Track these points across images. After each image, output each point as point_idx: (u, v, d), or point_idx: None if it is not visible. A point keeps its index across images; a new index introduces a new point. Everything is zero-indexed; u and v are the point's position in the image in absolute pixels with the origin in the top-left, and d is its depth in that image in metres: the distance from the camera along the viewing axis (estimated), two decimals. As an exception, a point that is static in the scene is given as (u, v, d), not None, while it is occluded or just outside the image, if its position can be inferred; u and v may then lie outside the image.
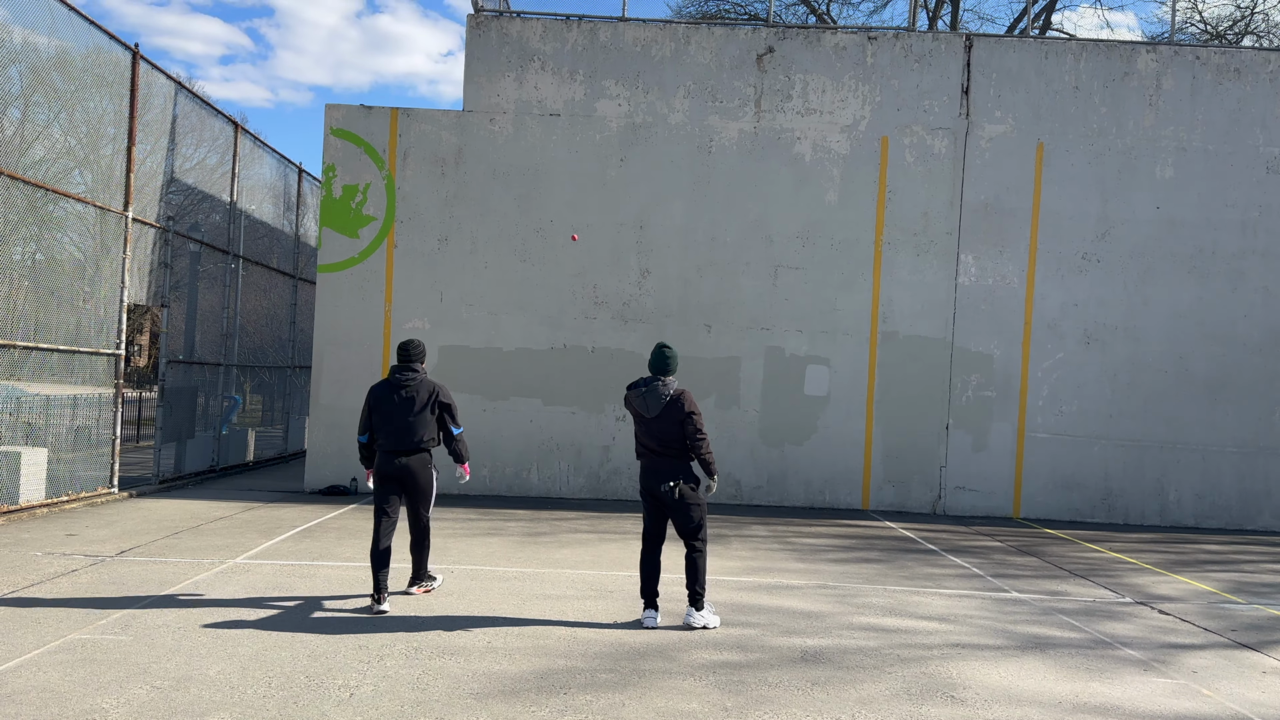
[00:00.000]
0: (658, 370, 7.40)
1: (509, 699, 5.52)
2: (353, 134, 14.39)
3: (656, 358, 7.43)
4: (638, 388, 7.38)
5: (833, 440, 14.49)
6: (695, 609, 7.24)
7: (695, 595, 7.28)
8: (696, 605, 7.25)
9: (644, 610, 7.31)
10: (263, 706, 5.23)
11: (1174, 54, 14.75)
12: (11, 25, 10.51)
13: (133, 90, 12.57)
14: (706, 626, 7.20)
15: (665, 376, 7.37)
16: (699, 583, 7.28)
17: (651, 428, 7.30)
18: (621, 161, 14.53)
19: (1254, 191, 14.66)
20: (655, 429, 7.29)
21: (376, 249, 14.39)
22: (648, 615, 7.26)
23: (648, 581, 7.36)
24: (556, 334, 14.48)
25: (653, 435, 7.31)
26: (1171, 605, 8.89)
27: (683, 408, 7.27)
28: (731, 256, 14.53)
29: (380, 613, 7.24)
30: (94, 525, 10.52)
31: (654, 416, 7.28)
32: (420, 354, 7.80)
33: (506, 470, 14.39)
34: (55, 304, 11.46)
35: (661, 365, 7.40)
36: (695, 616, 7.21)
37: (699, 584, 7.28)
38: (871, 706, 5.68)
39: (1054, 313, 14.61)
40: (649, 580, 7.36)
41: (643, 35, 14.66)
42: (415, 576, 7.96)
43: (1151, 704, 5.97)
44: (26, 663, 5.78)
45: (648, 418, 7.31)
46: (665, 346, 7.46)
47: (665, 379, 7.36)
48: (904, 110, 14.64)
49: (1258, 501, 14.61)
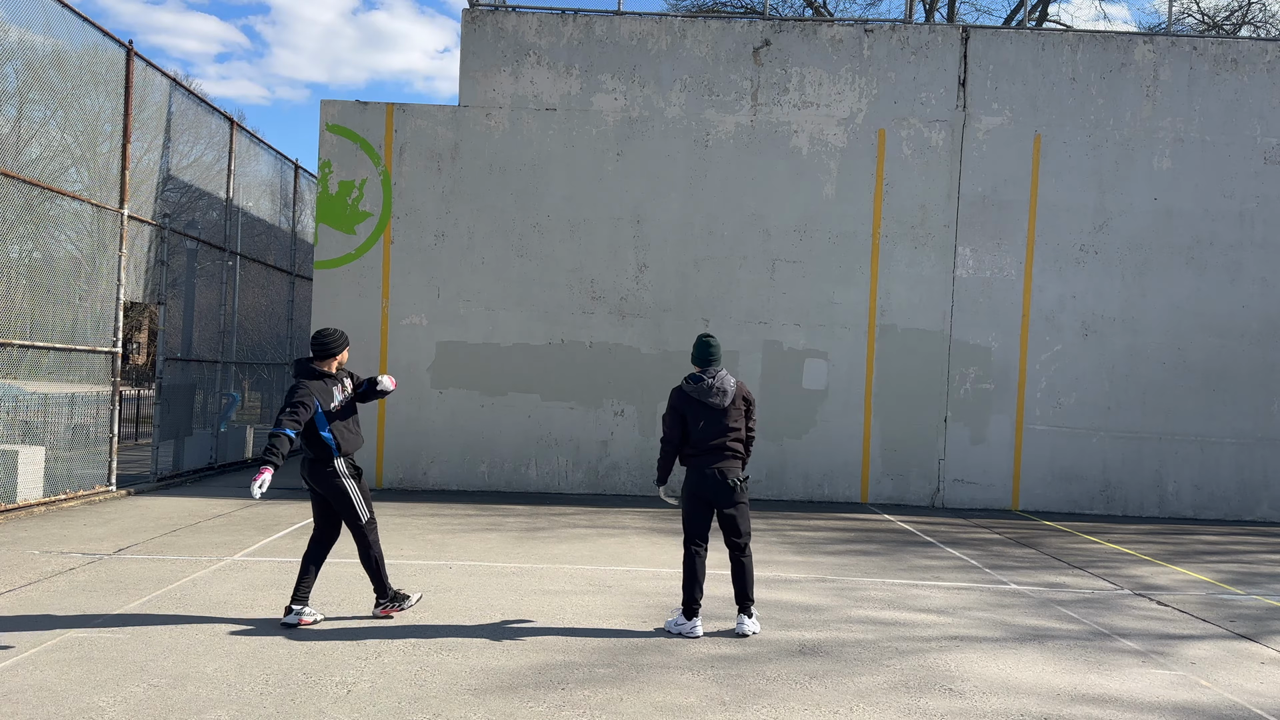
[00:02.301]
0: (707, 360, 7.07)
1: (507, 694, 5.52)
2: (348, 130, 14.36)
3: (704, 349, 7.09)
4: (699, 381, 7.01)
5: (831, 434, 14.49)
6: (749, 616, 6.96)
7: (750, 601, 7.00)
8: (749, 613, 6.98)
9: (693, 619, 6.89)
10: (260, 704, 5.22)
11: (1171, 45, 14.72)
12: (7, 23, 10.48)
13: (127, 87, 12.54)
14: (755, 633, 6.97)
15: (718, 367, 7.11)
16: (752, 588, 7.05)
17: (720, 421, 6.95)
18: (618, 156, 14.51)
19: (1251, 182, 14.64)
20: (724, 422, 6.95)
21: (373, 245, 14.37)
22: (697, 624, 6.91)
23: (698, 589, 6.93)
24: (554, 329, 14.47)
25: (720, 429, 6.94)
26: (1170, 596, 8.89)
27: (747, 396, 7.12)
28: (729, 250, 14.51)
29: (286, 624, 6.69)
30: (92, 523, 10.52)
31: (728, 405, 6.96)
32: (341, 346, 6.99)
33: (505, 466, 14.39)
34: (52, 302, 11.44)
35: (710, 355, 7.09)
36: (749, 624, 6.95)
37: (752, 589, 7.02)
38: (869, 699, 5.68)
39: (1052, 305, 14.60)
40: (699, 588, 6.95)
41: (638, 29, 14.63)
42: (377, 596, 7.06)
43: (1150, 695, 5.97)
44: (23, 661, 5.77)
45: (721, 408, 6.96)
46: (709, 336, 7.16)
47: (720, 369, 7.10)
48: (901, 103, 14.62)
49: (1256, 492, 14.61)
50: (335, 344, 6.92)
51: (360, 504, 6.84)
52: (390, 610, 6.99)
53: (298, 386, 6.70)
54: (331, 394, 6.82)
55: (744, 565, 6.97)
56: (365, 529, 6.87)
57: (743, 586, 6.97)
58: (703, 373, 7.08)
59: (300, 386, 6.69)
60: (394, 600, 7.01)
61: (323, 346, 6.89)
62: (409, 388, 14.27)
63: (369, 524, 6.89)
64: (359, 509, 6.83)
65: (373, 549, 6.90)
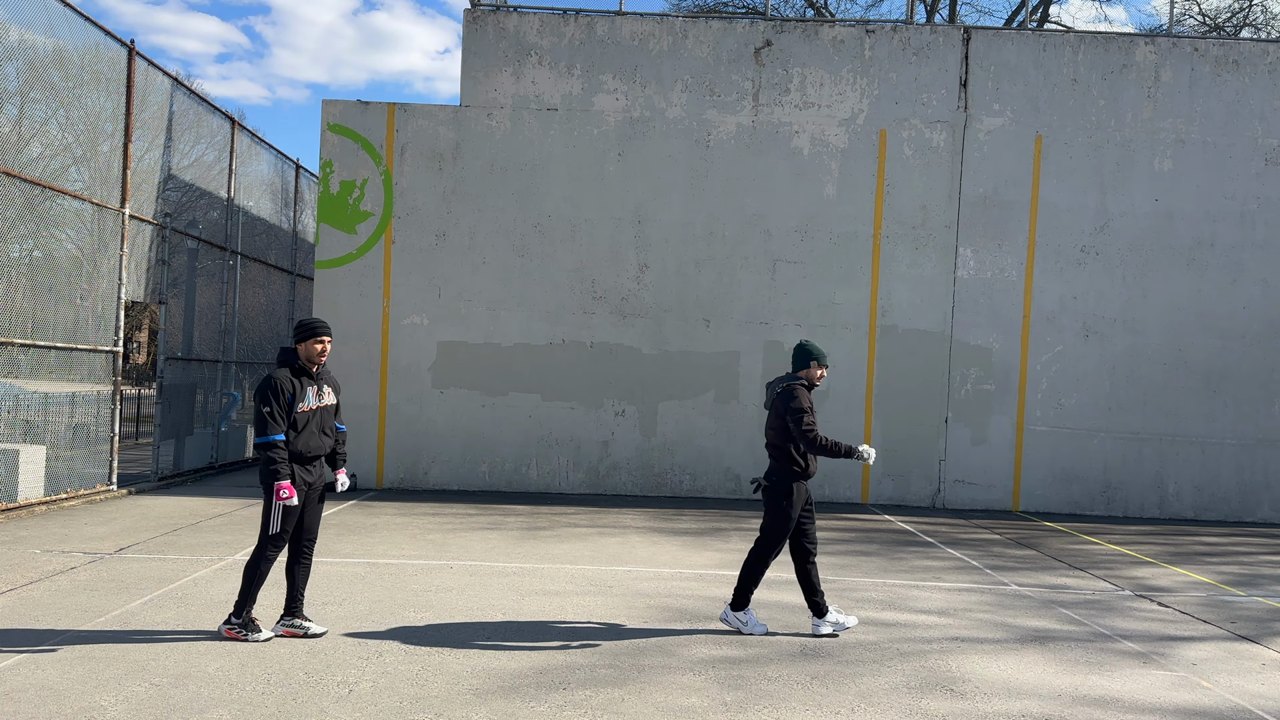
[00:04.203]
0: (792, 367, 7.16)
1: (508, 695, 5.52)
2: (350, 130, 14.36)
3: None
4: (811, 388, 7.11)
5: (832, 434, 14.47)
6: (819, 617, 7.03)
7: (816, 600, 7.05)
8: (816, 613, 7.05)
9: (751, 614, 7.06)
10: (261, 703, 5.22)
11: (1172, 46, 14.72)
12: (9, 23, 10.49)
13: (129, 87, 12.54)
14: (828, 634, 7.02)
15: (796, 371, 7.09)
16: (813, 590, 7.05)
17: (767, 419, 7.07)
18: (619, 156, 14.51)
19: (1252, 183, 14.64)
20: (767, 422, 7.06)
21: (374, 245, 14.37)
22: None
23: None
24: (555, 329, 14.47)
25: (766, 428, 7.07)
26: (1171, 597, 8.89)
27: (785, 403, 6.94)
28: (730, 251, 14.51)
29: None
30: (93, 523, 10.52)
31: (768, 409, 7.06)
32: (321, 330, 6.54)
33: (505, 466, 14.39)
34: (53, 301, 11.44)
35: (791, 361, 7.17)
36: (819, 625, 7.02)
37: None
38: (871, 700, 5.68)
39: (1053, 305, 14.60)
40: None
41: (640, 29, 14.63)
42: (232, 610, 6.47)
43: (1151, 696, 5.97)
44: (25, 660, 5.77)
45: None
46: (800, 342, 7.18)
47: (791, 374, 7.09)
48: (902, 103, 14.62)
49: (1257, 493, 14.61)
50: (313, 325, 6.43)
51: (274, 516, 6.28)
52: (234, 633, 6.28)
53: (264, 382, 6.32)
54: (305, 394, 6.38)
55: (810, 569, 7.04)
56: (265, 540, 6.32)
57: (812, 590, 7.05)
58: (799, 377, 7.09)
59: (266, 381, 6.32)
60: (244, 625, 6.29)
61: (299, 326, 6.46)
62: (410, 387, 14.27)
63: (274, 537, 6.30)
64: (271, 518, 6.28)
65: (259, 565, 6.30)
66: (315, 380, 6.48)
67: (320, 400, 6.48)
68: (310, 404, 6.41)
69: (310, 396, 6.41)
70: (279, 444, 6.22)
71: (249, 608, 6.34)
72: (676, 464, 14.48)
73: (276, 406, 6.25)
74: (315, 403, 6.44)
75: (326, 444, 6.53)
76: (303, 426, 6.35)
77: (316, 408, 6.45)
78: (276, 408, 6.25)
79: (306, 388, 6.40)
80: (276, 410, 6.25)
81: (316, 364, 6.48)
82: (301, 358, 6.45)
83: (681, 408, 14.48)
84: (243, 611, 6.32)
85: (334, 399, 6.62)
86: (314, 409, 6.43)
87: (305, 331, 6.45)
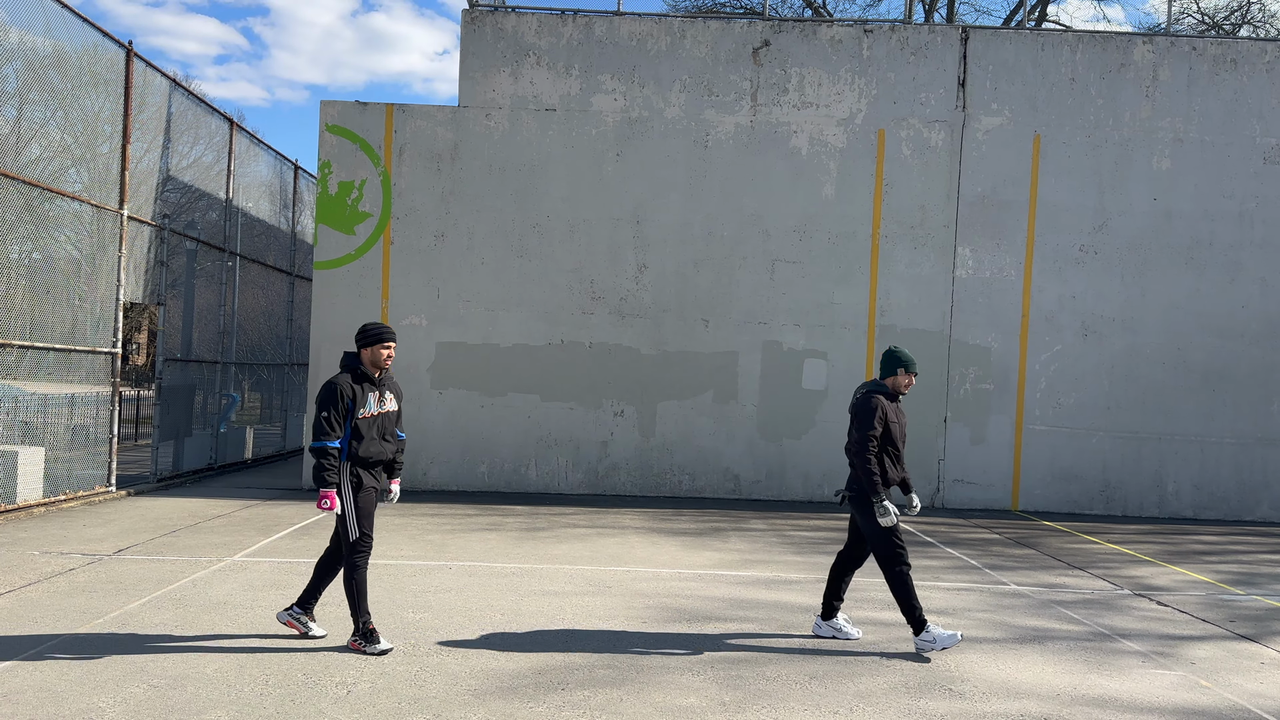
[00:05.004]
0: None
1: (507, 695, 5.51)
2: (348, 130, 14.36)
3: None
4: (895, 399, 6.98)
5: (831, 434, 14.47)
6: (821, 618, 6.94)
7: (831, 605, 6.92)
8: (824, 615, 6.94)
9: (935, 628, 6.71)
10: (260, 704, 5.22)
11: (1170, 45, 14.72)
12: (8, 25, 10.48)
13: (127, 88, 12.54)
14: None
15: (882, 378, 6.92)
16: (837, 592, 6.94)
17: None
18: (618, 156, 14.51)
19: (1251, 182, 14.64)
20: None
21: (373, 246, 14.37)
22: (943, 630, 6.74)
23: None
24: (554, 330, 14.47)
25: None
26: (1170, 596, 8.89)
27: (856, 409, 6.80)
28: (728, 251, 14.51)
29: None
30: (92, 524, 10.52)
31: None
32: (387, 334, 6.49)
33: (505, 466, 14.39)
34: (52, 302, 11.44)
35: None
36: (822, 627, 6.93)
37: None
38: (870, 700, 5.68)
39: (1051, 305, 14.60)
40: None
41: (638, 29, 14.63)
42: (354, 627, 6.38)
43: (1151, 696, 5.97)
44: (24, 661, 5.77)
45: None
46: (889, 348, 6.98)
47: (877, 381, 6.93)
48: (900, 103, 14.62)
49: (1256, 492, 14.61)
50: (379, 330, 6.33)
51: (351, 521, 6.21)
52: (357, 644, 6.21)
53: (324, 387, 6.23)
54: (366, 399, 6.25)
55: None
56: (350, 548, 6.23)
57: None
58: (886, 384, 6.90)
59: (327, 386, 6.22)
60: (365, 636, 6.20)
61: (361, 332, 6.36)
62: (409, 388, 14.26)
63: (355, 544, 6.21)
64: (348, 525, 6.21)
65: (354, 575, 6.20)
66: (377, 386, 6.34)
67: (382, 406, 6.35)
68: (371, 410, 6.29)
69: (371, 402, 6.29)
70: (331, 450, 6.11)
71: (366, 617, 6.23)
72: (675, 464, 14.48)
73: (334, 412, 6.13)
74: (377, 409, 6.32)
75: (388, 450, 6.41)
76: (365, 433, 6.23)
77: (378, 414, 6.33)
78: (334, 413, 6.13)
79: (368, 393, 6.27)
80: (334, 416, 6.13)
81: (380, 370, 6.36)
82: (365, 363, 6.33)
83: (680, 408, 14.48)
84: (361, 623, 6.22)
85: (396, 405, 6.49)
86: (375, 415, 6.31)
87: (370, 336, 6.33)
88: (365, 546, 6.25)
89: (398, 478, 6.62)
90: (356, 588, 6.22)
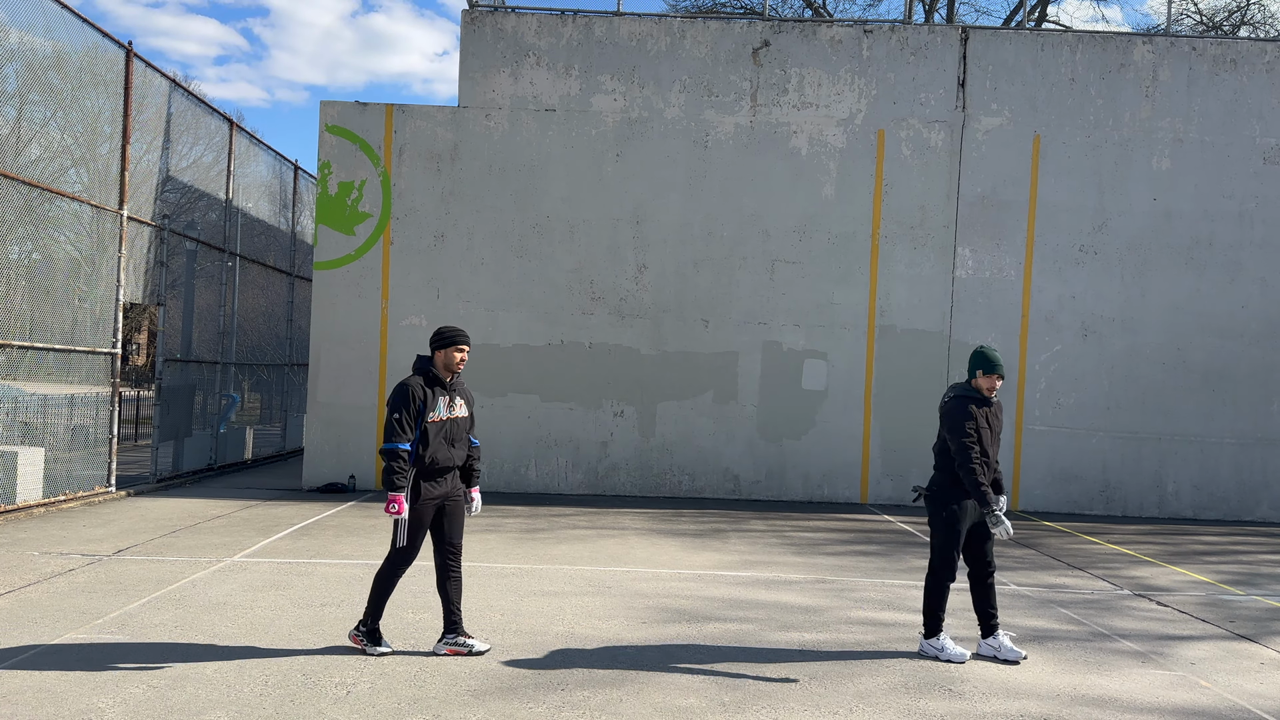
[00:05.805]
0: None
1: (506, 696, 5.51)
2: (348, 131, 14.36)
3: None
4: (987, 404, 6.68)
5: (831, 434, 14.49)
6: (981, 637, 6.69)
7: (988, 623, 6.67)
8: (984, 633, 6.68)
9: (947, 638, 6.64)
10: (259, 705, 5.22)
11: (1170, 45, 14.72)
12: (8, 25, 10.49)
13: (127, 89, 12.54)
14: (999, 658, 6.55)
15: (969, 380, 6.68)
16: (985, 609, 6.67)
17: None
18: (617, 156, 14.51)
19: (1251, 182, 14.64)
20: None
21: (373, 246, 14.37)
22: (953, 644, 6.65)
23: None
24: (554, 330, 14.47)
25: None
26: (1170, 597, 8.89)
27: (945, 414, 6.60)
28: (728, 251, 14.51)
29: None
30: (91, 524, 10.52)
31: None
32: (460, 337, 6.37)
33: (504, 466, 14.39)
34: (51, 303, 11.45)
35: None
36: (983, 646, 6.66)
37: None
38: (869, 700, 5.68)
39: (1051, 305, 14.60)
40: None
41: (638, 29, 14.63)
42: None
43: (1150, 696, 5.97)
44: (23, 662, 5.77)
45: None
46: (977, 347, 6.72)
47: (964, 384, 6.71)
48: (900, 103, 14.62)
49: (1256, 492, 14.61)
50: (454, 333, 6.23)
51: (403, 529, 6.12)
52: (359, 640, 6.20)
53: (397, 389, 6.13)
54: (437, 404, 6.14)
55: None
56: (394, 553, 6.19)
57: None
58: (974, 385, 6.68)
59: (399, 388, 6.12)
60: (368, 635, 6.19)
61: (437, 335, 6.24)
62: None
63: (401, 550, 6.15)
64: (399, 531, 6.13)
65: (389, 576, 6.20)
66: (448, 390, 6.23)
67: (451, 412, 6.23)
68: (440, 414, 6.17)
69: (441, 407, 6.17)
70: (401, 453, 5.99)
71: (376, 618, 6.20)
72: (675, 464, 14.48)
73: (406, 414, 6.03)
74: (446, 414, 6.20)
75: (457, 456, 6.28)
76: (432, 438, 6.11)
77: (447, 419, 6.21)
78: (406, 415, 6.03)
79: (438, 398, 6.16)
80: (405, 418, 6.03)
81: (453, 374, 6.27)
82: (438, 366, 6.22)
83: (680, 408, 14.48)
84: (370, 620, 6.19)
85: (466, 411, 6.35)
86: (444, 420, 6.19)
87: (445, 340, 6.22)
88: (409, 557, 6.19)
89: (477, 485, 6.49)
90: (383, 589, 6.21)
